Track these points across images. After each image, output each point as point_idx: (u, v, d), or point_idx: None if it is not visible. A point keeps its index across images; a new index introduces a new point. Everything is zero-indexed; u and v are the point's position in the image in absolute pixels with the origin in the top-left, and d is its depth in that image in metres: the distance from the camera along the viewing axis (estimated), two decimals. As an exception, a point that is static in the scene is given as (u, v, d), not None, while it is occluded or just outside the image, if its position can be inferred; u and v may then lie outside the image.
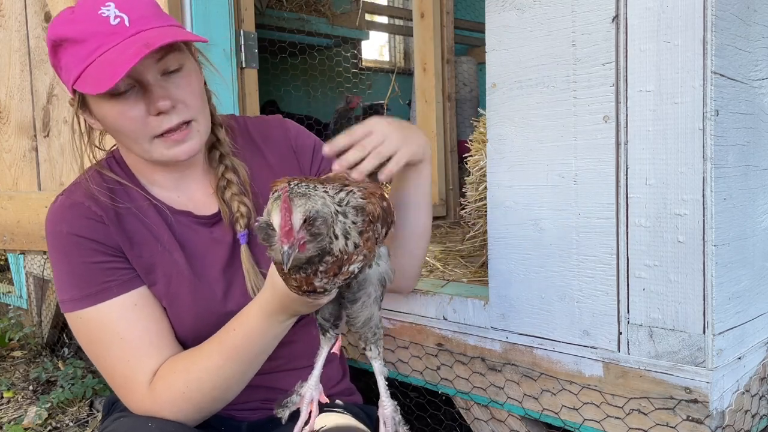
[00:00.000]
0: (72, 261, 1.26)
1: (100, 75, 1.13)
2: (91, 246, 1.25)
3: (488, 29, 1.55)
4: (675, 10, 1.25)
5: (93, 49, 1.16)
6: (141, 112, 1.20)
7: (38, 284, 3.65)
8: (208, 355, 1.22)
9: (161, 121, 1.20)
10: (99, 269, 1.25)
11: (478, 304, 1.65)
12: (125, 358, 1.24)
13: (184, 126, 1.23)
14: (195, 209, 1.36)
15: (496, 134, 1.56)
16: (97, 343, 1.26)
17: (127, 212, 1.30)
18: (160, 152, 1.24)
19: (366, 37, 5.57)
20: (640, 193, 1.32)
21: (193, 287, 1.30)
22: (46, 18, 2.27)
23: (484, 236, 2.10)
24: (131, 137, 1.23)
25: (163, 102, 1.18)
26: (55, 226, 1.27)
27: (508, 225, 1.55)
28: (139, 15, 1.19)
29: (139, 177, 1.36)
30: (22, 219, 2.37)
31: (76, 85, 1.18)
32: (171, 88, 1.21)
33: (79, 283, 1.25)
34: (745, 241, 1.36)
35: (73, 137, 1.33)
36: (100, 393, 2.92)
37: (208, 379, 1.21)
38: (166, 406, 1.22)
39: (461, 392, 1.71)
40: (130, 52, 1.12)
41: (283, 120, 1.52)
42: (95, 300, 1.24)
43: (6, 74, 2.40)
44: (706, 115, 1.23)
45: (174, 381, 1.22)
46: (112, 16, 1.16)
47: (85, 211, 1.27)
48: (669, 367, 1.31)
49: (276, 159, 1.45)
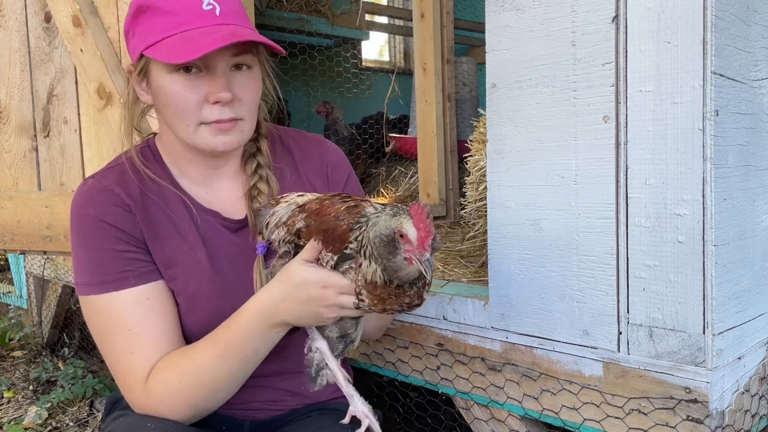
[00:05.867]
0: (94, 245, 1.27)
1: (180, 48, 1.17)
2: (114, 233, 1.27)
3: (488, 29, 1.55)
4: (675, 11, 1.25)
5: (178, 23, 1.20)
6: (200, 95, 1.23)
7: (38, 284, 3.65)
8: (202, 353, 1.23)
9: (214, 111, 1.24)
10: (119, 258, 1.27)
11: (478, 304, 1.65)
12: (129, 350, 1.25)
13: (232, 121, 1.27)
14: (223, 211, 1.37)
15: (496, 134, 1.56)
16: (105, 331, 1.27)
17: (155, 205, 1.32)
18: (204, 137, 1.27)
19: (366, 37, 5.57)
20: (640, 193, 1.32)
21: (213, 288, 1.31)
22: (46, 18, 2.27)
23: (484, 236, 2.11)
24: (180, 117, 1.26)
25: (225, 93, 1.22)
26: (83, 208, 1.29)
27: (508, 225, 1.55)
28: (230, 9, 1.25)
29: (170, 166, 1.37)
30: (22, 219, 2.37)
31: (149, 51, 1.21)
32: (235, 83, 1.25)
33: (98, 268, 1.27)
34: (745, 241, 1.36)
35: (125, 108, 1.36)
36: (100, 393, 2.93)
37: (201, 377, 1.22)
38: (160, 402, 1.23)
39: (461, 392, 1.71)
40: (217, 36, 1.18)
41: (324, 141, 1.55)
42: (110, 288, 1.25)
43: (6, 74, 2.40)
44: (705, 115, 1.23)
45: (167, 377, 1.22)
46: (205, 2, 1.22)
47: (114, 198, 1.29)
48: (669, 367, 1.31)
49: (309, 175, 1.46)
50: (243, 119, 1.28)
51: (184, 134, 1.27)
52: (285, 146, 1.48)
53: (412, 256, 1.00)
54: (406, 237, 0.99)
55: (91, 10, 2.17)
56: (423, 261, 0.99)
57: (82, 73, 2.18)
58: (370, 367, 1.96)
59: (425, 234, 0.99)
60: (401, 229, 1.00)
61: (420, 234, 0.99)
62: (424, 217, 1.00)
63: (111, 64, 2.14)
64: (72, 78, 2.25)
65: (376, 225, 1.04)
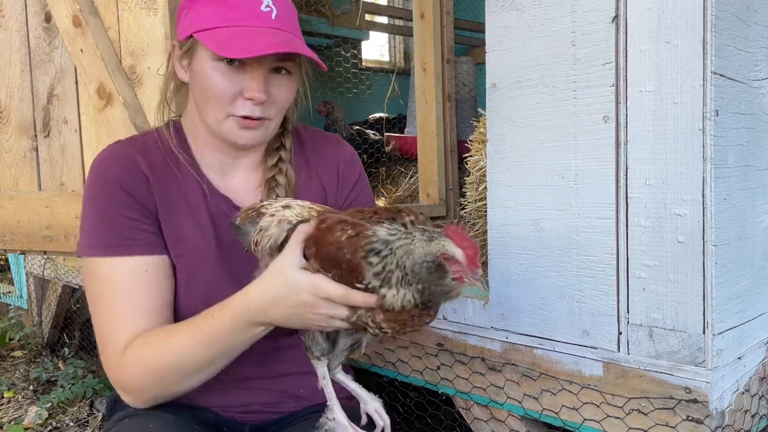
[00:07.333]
0: (104, 207, 1.29)
1: (233, 43, 1.21)
2: (127, 200, 1.29)
3: (488, 29, 1.55)
4: (675, 11, 1.25)
5: (235, 17, 1.24)
6: (236, 89, 1.26)
7: (38, 284, 3.65)
8: (182, 337, 1.22)
9: (246, 106, 1.27)
10: (127, 224, 1.28)
11: (478, 304, 1.65)
12: (115, 317, 1.25)
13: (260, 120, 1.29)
14: (234, 198, 1.39)
15: (496, 134, 1.56)
16: (97, 293, 1.28)
17: (173, 181, 1.34)
18: (229, 128, 1.29)
19: (366, 37, 5.57)
20: (640, 193, 1.32)
21: (216, 268, 1.32)
22: (47, 18, 2.27)
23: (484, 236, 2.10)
24: (212, 104, 1.28)
25: (260, 94, 1.26)
26: (100, 169, 1.32)
27: (508, 225, 1.55)
28: (286, 16, 1.28)
29: (192, 148, 1.40)
30: (22, 219, 2.37)
31: (200, 35, 1.24)
32: (273, 85, 1.29)
33: (104, 231, 1.28)
34: (745, 241, 1.36)
35: (167, 79, 1.41)
36: (100, 393, 2.93)
37: (176, 360, 1.21)
38: (131, 376, 1.23)
39: (461, 392, 1.71)
40: (270, 41, 1.22)
41: (340, 140, 1.56)
42: (112, 252, 1.26)
43: (6, 74, 2.40)
44: (705, 115, 1.23)
45: (142, 352, 1.22)
46: (264, 3, 1.25)
47: (132, 165, 1.32)
48: (669, 367, 1.31)
49: (321, 174, 1.47)
50: (270, 119, 1.31)
51: (212, 120, 1.30)
52: (301, 144, 1.50)
53: (463, 275, 1.01)
54: (454, 259, 1.00)
55: (91, 10, 2.17)
56: (478, 278, 1.01)
57: (82, 73, 2.18)
58: (370, 367, 1.96)
59: (473, 252, 1.00)
60: (446, 253, 1.00)
61: (467, 253, 1.00)
62: (466, 236, 1.01)
63: (111, 64, 2.14)
64: (72, 78, 2.25)
65: (412, 254, 1.03)
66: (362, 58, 5.93)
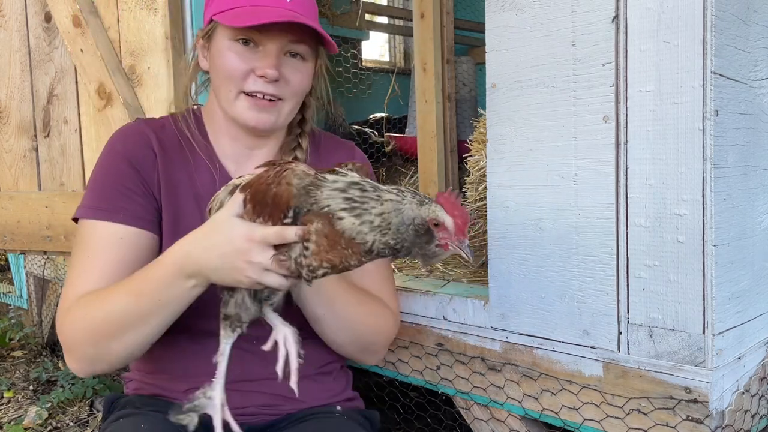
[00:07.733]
0: (108, 175, 1.35)
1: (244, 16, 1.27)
2: (131, 173, 1.34)
3: (488, 29, 1.55)
4: (675, 11, 1.25)
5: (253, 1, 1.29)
6: (249, 66, 1.31)
7: (38, 284, 3.65)
8: (116, 293, 1.23)
9: (258, 83, 1.31)
10: (123, 193, 1.33)
11: (478, 304, 1.65)
12: (78, 276, 1.29)
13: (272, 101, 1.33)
14: None
15: (496, 134, 1.56)
16: (74, 254, 1.34)
17: (183, 164, 1.38)
18: (240, 107, 1.34)
19: (366, 37, 5.57)
20: (639, 193, 1.32)
21: None
22: (47, 18, 2.27)
23: (484, 236, 2.10)
24: (225, 83, 1.33)
25: (272, 70, 1.30)
26: (113, 142, 1.40)
27: (508, 225, 1.55)
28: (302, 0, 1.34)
29: (210, 135, 1.44)
30: (22, 219, 2.37)
31: (218, 16, 1.31)
32: (286, 67, 1.33)
33: (101, 196, 1.34)
34: (745, 241, 1.36)
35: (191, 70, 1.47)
36: (100, 393, 2.92)
37: (109, 313, 1.22)
38: (68, 329, 1.26)
39: (461, 392, 1.71)
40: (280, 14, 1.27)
41: (354, 148, 1.60)
42: (101, 215, 1.32)
43: (6, 74, 2.40)
44: (705, 115, 1.23)
45: (79, 306, 1.25)
46: None
47: (145, 142, 1.37)
48: (669, 367, 1.31)
49: None
50: (284, 100, 1.34)
51: (225, 101, 1.34)
52: (317, 147, 1.53)
53: (449, 243, 1.02)
54: (443, 225, 1.01)
55: (91, 10, 2.17)
56: (464, 248, 1.01)
57: (82, 73, 2.19)
58: (370, 367, 1.95)
59: (462, 221, 1.01)
60: (435, 218, 1.00)
61: (457, 221, 1.01)
62: (458, 204, 1.02)
63: (111, 64, 2.14)
64: (72, 78, 2.26)
65: (401, 213, 1.01)
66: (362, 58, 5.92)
